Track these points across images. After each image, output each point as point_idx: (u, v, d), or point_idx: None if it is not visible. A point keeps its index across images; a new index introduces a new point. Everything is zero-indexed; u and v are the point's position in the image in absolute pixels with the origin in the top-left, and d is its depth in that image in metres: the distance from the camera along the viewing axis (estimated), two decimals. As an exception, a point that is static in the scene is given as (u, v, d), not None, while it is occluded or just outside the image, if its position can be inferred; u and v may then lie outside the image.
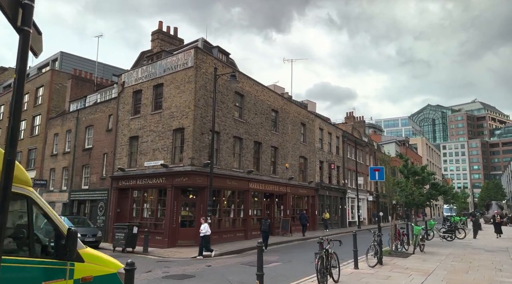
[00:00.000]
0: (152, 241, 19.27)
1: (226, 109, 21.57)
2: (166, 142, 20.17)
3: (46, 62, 40.64)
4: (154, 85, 21.55)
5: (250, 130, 23.70)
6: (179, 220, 19.23)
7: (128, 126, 22.69)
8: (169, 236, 18.66)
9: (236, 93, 22.76)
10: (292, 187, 27.94)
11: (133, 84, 22.94)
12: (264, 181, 24.56)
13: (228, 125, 21.57)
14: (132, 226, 17.78)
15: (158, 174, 19.91)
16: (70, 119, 28.06)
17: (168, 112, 20.39)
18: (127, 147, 22.50)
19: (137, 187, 21.26)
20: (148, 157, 20.95)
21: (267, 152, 25.50)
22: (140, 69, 22.68)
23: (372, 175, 13.61)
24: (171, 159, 19.77)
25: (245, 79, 23.62)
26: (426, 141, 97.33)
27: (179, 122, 19.68)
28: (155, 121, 21.02)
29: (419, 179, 19.17)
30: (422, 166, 19.51)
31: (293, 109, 29.56)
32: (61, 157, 28.12)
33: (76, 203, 25.86)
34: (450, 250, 17.27)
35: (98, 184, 24.19)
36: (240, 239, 21.71)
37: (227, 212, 21.75)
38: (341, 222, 36.44)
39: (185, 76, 19.87)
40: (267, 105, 25.93)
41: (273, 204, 26.09)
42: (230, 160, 21.54)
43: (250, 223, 22.95)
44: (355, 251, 11.65)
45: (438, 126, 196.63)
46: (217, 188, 20.48)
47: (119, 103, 23.62)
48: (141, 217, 20.87)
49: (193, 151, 18.87)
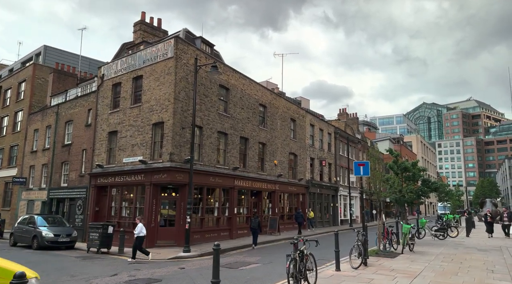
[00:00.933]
0: (130, 241, 18.22)
1: (210, 102, 20.63)
2: (145, 137, 19.21)
3: (30, 56, 39.42)
4: (134, 78, 20.56)
5: (236, 125, 22.78)
6: (158, 219, 18.28)
7: (107, 120, 21.70)
8: (147, 236, 17.66)
9: (221, 86, 21.82)
10: (281, 185, 27.06)
11: (112, 76, 21.93)
12: (251, 178, 23.66)
13: (212, 119, 20.64)
14: (107, 226, 16.84)
15: (136, 170, 18.95)
16: (50, 114, 27.00)
17: (147, 106, 19.43)
18: (105, 142, 21.52)
19: (115, 184, 20.29)
20: (127, 153, 19.98)
21: (255, 148, 24.59)
22: (120, 61, 21.68)
23: (357, 170, 12.74)
24: (150, 155, 18.81)
25: (230, 72, 22.68)
26: (421, 139, 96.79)
27: (158, 116, 18.72)
28: (134, 115, 20.04)
29: (409, 176, 18.37)
30: (413, 162, 18.70)
31: (282, 104, 28.65)
32: (41, 154, 27.07)
33: (55, 201, 24.83)
34: (441, 249, 16.46)
35: (77, 181, 23.19)
36: (224, 239, 20.80)
37: (211, 211, 20.83)
38: (333, 220, 35.62)
39: (165, 67, 18.90)
40: (254, 100, 25.01)
41: (261, 202, 25.19)
42: (214, 156, 20.61)
43: (236, 221, 22.05)
44: (337, 251, 10.77)
45: (434, 124, 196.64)
46: (200, 185, 19.57)
47: (98, 97, 22.61)
48: (119, 216, 19.92)
49: (173, 147, 17.92)
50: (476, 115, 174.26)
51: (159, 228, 18.19)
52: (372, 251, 14.40)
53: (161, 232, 18.19)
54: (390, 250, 15.01)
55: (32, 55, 39.19)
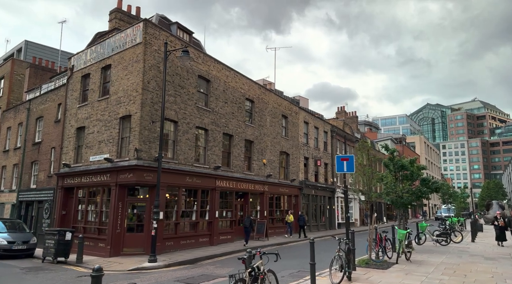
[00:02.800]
0: (95, 249, 16.43)
1: (187, 95, 18.69)
2: (112, 132, 17.29)
3: (12, 53, 37.74)
4: (102, 67, 18.67)
5: (218, 120, 20.82)
6: (125, 224, 16.31)
7: (75, 115, 19.82)
8: (111, 244, 15.74)
9: (200, 77, 19.87)
10: (270, 186, 25.03)
11: (81, 67, 20.07)
12: (235, 178, 21.66)
13: (189, 113, 18.69)
14: (64, 232, 14.88)
15: (102, 170, 17.01)
16: (22, 111, 25.18)
17: (115, 98, 17.52)
18: (73, 139, 19.63)
19: (82, 185, 18.36)
20: (93, 151, 18.07)
21: (240, 146, 22.60)
22: (89, 50, 19.80)
23: (339, 166, 10.74)
24: (117, 152, 16.87)
25: (211, 62, 20.73)
26: (424, 139, 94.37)
27: (126, 108, 16.80)
28: (102, 109, 18.14)
29: (407, 175, 16.29)
30: (411, 159, 16.62)
31: (272, 100, 26.66)
32: (12, 153, 25.23)
33: (24, 204, 22.94)
34: (443, 258, 14.36)
35: (45, 182, 21.28)
36: (204, 245, 18.81)
37: (188, 214, 18.83)
38: (329, 224, 33.49)
39: (133, 54, 17.00)
40: (240, 93, 23.03)
41: (247, 204, 23.16)
42: (191, 154, 18.64)
43: (217, 226, 20.03)
44: (312, 264, 8.75)
45: (438, 125, 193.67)
46: (174, 186, 17.61)
47: (67, 90, 20.74)
48: (85, 221, 17.98)
49: (140, 142, 15.97)
50: (481, 116, 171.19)
51: (125, 234, 16.20)
52: (362, 261, 12.38)
53: (128, 238, 16.21)
54: (383, 259, 12.97)
55: (13, 51, 37.55)
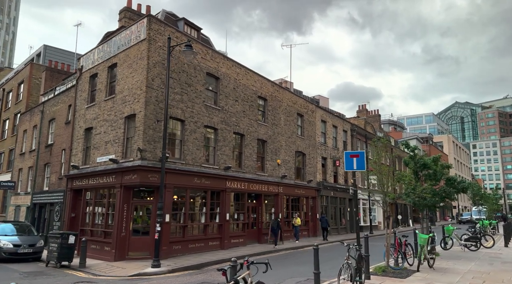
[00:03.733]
0: (101, 252, 15.98)
1: (194, 93, 18.02)
2: (117, 132, 16.81)
3: (32, 57, 38.45)
4: (109, 66, 18.28)
5: (229, 119, 20.05)
6: (130, 227, 15.73)
7: (84, 116, 19.53)
8: (116, 247, 15.19)
9: (209, 74, 19.17)
10: (285, 187, 24.03)
11: (90, 67, 19.79)
12: (247, 179, 20.81)
13: (197, 112, 18.01)
14: (67, 235, 14.42)
15: (108, 171, 16.55)
16: (37, 113, 25.27)
17: (120, 97, 17.05)
18: (82, 140, 19.33)
19: (89, 187, 17.99)
20: (100, 152, 17.66)
21: (252, 146, 21.75)
22: (97, 49, 19.48)
23: (348, 164, 9.70)
24: (122, 152, 16.36)
25: (220, 59, 20.00)
26: (453, 138, 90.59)
27: (130, 107, 16.28)
28: (108, 109, 17.72)
29: (430, 174, 14.97)
30: (434, 157, 15.28)
31: (286, 97, 25.68)
32: (28, 156, 25.34)
33: (37, 207, 22.89)
34: (471, 265, 12.98)
35: (56, 184, 21.11)
36: (213, 249, 18.05)
37: (196, 217, 18.12)
38: (350, 227, 32.07)
39: (137, 51, 16.47)
40: (252, 91, 22.20)
41: (261, 206, 22.27)
42: (199, 154, 17.94)
43: (228, 229, 19.23)
44: (317, 274, 7.79)
45: (467, 124, 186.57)
46: (182, 187, 16.95)
47: (77, 91, 20.51)
48: (92, 223, 17.57)
49: (144, 142, 15.38)
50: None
51: (131, 238, 15.62)
52: (379, 268, 11.26)
53: (133, 242, 15.62)
54: (402, 266, 11.79)
55: (33, 56, 38.23)
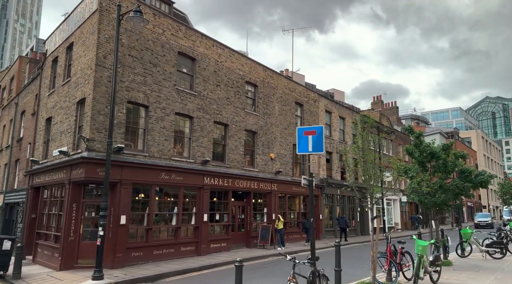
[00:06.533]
0: (51, 259, 13.84)
1: (162, 75, 15.56)
2: (70, 120, 14.57)
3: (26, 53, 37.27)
4: (67, 47, 16.08)
5: (208, 106, 17.50)
6: (80, 231, 13.42)
7: (46, 105, 17.47)
8: (63, 254, 12.91)
9: (182, 54, 16.67)
10: (280, 184, 21.26)
11: (52, 51, 17.73)
12: (232, 175, 18.20)
13: (165, 96, 15.55)
14: (2, 240, 12.26)
15: (58, 166, 14.35)
16: (13, 107, 23.53)
17: (74, 80, 14.81)
18: (43, 132, 17.29)
19: (46, 184, 15.86)
20: (56, 143, 15.50)
21: (238, 138, 19.11)
22: (58, 30, 17.39)
23: (302, 144, 6.94)
24: (73, 143, 14.10)
25: (197, 37, 17.46)
26: (482, 134, 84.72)
27: (82, 91, 13.99)
28: (64, 94, 15.53)
29: (439, 165, 11.91)
30: (444, 144, 12.20)
31: (282, 84, 22.87)
32: (5, 153, 23.63)
33: (8, 207, 21.09)
34: (491, 279, 9.87)
35: (22, 182, 19.18)
36: (187, 256, 15.53)
37: (165, 218, 15.64)
38: (361, 229, 28.88)
39: (90, 26, 14.17)
40: (238, 76, 19.56)
41: (249, 206, 19.60)
42: (168, 145, 15.47)
43: (206, 232, 16.66)
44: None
45: (499, 120, 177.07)
46: (143, 184, 14.52)
47: (41, 78, 18.49)
48: (47, 226, 15.40)
49: (93, 130, 13.04)
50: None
51: (81, 243, 13.31)
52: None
53: (84, 248, 13.28)
54: (395, 282, 8.91)
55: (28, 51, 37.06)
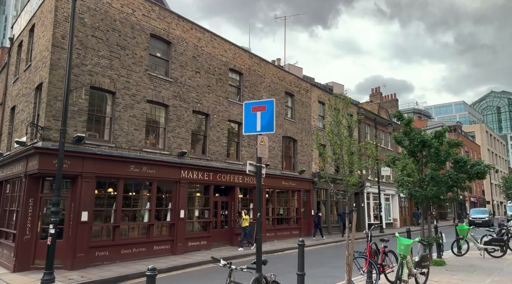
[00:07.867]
0: (8, 260, 12.60)
1: (132, 58, 14.29)
2: (29, 108, 13.37)
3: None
4: (30, 29, 14.85)
5: (186, 94, 16.23)
6: (38, 228, 12.24)
7: (11, 94, 16.29)
8: (17, 254, 11.74)
9: (155, 37, 15.38)
10: (268, 178, 19.95)
11: (18, 35, 16.52)
12: (213, 168, 16.96)
13: (135, 82, 14.29)
14: None
15: (16, 157, 13.19)
16: (-12, 98, 22.36)
17: (34, 64, 13.59)
18: (8, 123, 16.12)
19: (7, 178, 14.69)
20: (18, 134, 14.33)
21: (221, 128, 17.85)
22: (23, 12, 16.16)
23: (249, 122, 5.69)
24: (32, 133, 12.89)
25: (173, 19, 16.14)
26: (486, 128, 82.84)
27: (40, 75, 12.76)
28: (25, 80, 14.33)
29: (431, 154, 10.58)
30: (437, 131, 10.88)
31: (270, 73, 21.53)
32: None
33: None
34: (487, 281, 8.57)
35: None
36: (160, 255, 14.34)
37: (135, 215, 14.43)
38: (356, 225, 27.56)
39: (49, 3, 12.92)
40: (221, 62, 18.26)
41: (234, 201, 18.36)
42: (139, 136, 14.23)
43: (183, 229, 15.45)
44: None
45: (504, 114, 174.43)
46: (109, 177, 13.30)
47: (8, 65, 17.30)
48: (8, 223, 14.23)
49: (49, 117, 11.82)
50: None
51: (39, 242, 12.12)
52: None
53: (41, 247, 12.04)
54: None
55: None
